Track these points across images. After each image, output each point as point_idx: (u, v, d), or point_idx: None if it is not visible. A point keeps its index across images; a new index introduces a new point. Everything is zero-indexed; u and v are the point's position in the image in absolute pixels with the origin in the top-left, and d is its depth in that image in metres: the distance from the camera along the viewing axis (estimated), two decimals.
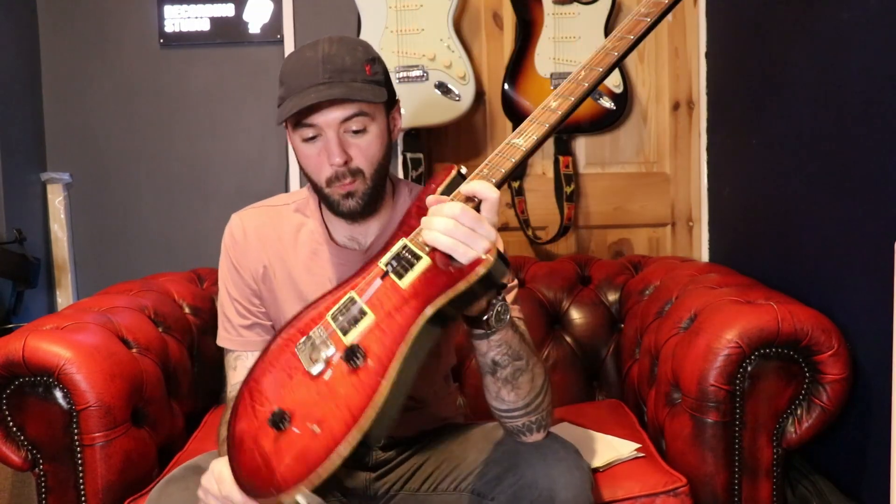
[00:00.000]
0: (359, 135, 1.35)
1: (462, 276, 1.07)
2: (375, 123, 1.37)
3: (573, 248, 2.56)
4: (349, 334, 1.12)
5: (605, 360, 2.19)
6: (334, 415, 1.05)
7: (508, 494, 1.25)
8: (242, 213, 1.54)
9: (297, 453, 1.05)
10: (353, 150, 1.36)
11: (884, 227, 1.51)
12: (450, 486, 1.37)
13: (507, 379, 1.23)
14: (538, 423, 1.29)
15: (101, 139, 2.54)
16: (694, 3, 2.50)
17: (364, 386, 1.05)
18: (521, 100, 2.39)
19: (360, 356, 1.08)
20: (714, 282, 1.89)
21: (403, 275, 1.12)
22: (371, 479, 1.47)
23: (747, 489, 1.62)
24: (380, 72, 1.39)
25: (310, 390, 1.11)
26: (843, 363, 1.57)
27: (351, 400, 1.04)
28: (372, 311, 1.13)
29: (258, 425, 1.12)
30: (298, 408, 1.09)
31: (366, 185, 1.38)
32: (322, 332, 1.16)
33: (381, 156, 1.39)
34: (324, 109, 1.33)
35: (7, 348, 1.59)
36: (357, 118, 1.34)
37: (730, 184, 2.37)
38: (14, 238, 2.29)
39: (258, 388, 1.19)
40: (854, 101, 1.63)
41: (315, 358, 1.13)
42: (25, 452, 1.63)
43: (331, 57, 1.34)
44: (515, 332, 1.21)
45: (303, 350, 1.16)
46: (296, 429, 1.07)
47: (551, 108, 1.19)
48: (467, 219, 1.08)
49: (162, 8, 2.50)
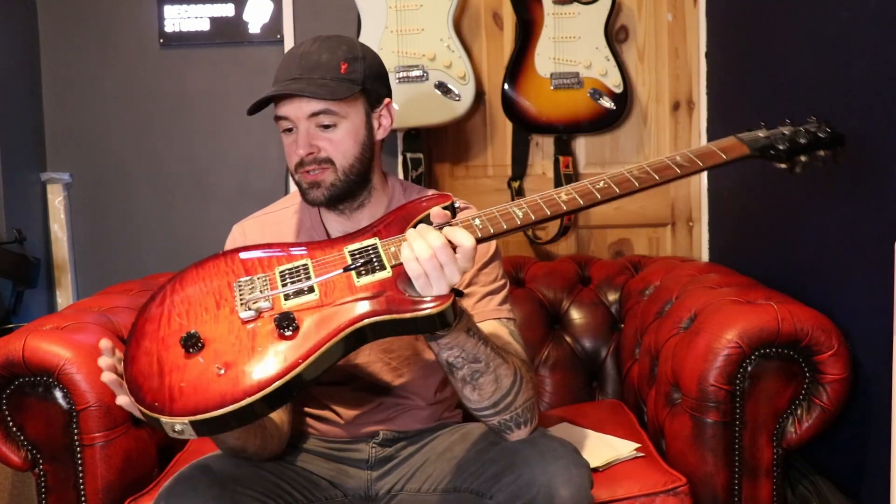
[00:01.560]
0: (329, 129, 1.41)
1: (411, 308, 1.12)
2: (348, 120, 1.42)
3: (573, 248, 2.56)
4: (289, 301, 1.15)
5: (605, 360, 2.19)
6: (243, 368, 1.07)
7: (507, 493, 1.25)
8: (244, 224, 1.57)
9: (195, 384, 1.06)
10: (321, 142, 1.41)
11: (884, 227, 1.51)
12: (449, 485, 1.37)
13: (466, 380, 1.25)
14: (514, 422, 1.31)
15: (101, 139, 2.54)
16: (694, 3, 2.50)
17: (282, 357, 1.08)
18: (521, 100, 2.39)
19: (291, 327, 1.11)
20: (714, 282, 1.89)
21: (363, 275, 1.16)
22: (372, 478, 1.47)
23: (747, 489, 1.62)
24: (358, 70, 1.42)
25: (231, 331, 1.12)
26: (843, 363, 1.57)
27: (266, 364, 1.07)
28: (319, 291, 1.16)
29: (167, 334, 1.13)
30: (213, 341, 1.11)
31: (335, 177, 1.42)
32: (265, 284, 1.18)
33: (358, 151, 1.43)
34: (293, 103, 1.40)
35: (7, 348, 1.59)
36: (324, 115, 1.40)
37: (730, 184, 2.37)
38: (14, 238, 2.29)
39: (182, 292, 1.20)
40: (854, 100, 1.63)
41: (248, 304, 1.14)
42: (25, 452, 1.63)
43: (308, 54, 1.41)
44: (471, 335, 1.22)
45: (240, 289, 1.18)
46: (201, 358, 1.09)
47: (562, 200, 1.21)
48: (442, 255, 1.12)
49: (162, 8, 2.50)
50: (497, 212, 1.20)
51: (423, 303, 1.12)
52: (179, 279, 1.23)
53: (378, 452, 1.50)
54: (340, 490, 1.45)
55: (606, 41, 2.38)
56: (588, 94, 2.38)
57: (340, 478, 1.47)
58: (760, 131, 1.37)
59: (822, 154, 1.37)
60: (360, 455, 1.50)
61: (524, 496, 1.23)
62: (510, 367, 1.27)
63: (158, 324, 1.16)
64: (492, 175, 2.55)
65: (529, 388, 1.31)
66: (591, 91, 2.38)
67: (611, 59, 2.38)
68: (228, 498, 1.25)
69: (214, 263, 1.25)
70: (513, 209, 1.20)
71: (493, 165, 2.55)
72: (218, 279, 1.21)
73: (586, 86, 2.38)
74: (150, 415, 1.06)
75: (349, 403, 1.52)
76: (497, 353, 1.26)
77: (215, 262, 1.25)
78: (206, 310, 1.17)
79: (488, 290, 1.45)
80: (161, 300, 1.20)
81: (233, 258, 1.25)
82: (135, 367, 1.11)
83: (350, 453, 1.50)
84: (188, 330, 1.12)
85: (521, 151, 2.50)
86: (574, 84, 2.37)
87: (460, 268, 1.13)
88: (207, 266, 1.25)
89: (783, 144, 1.35)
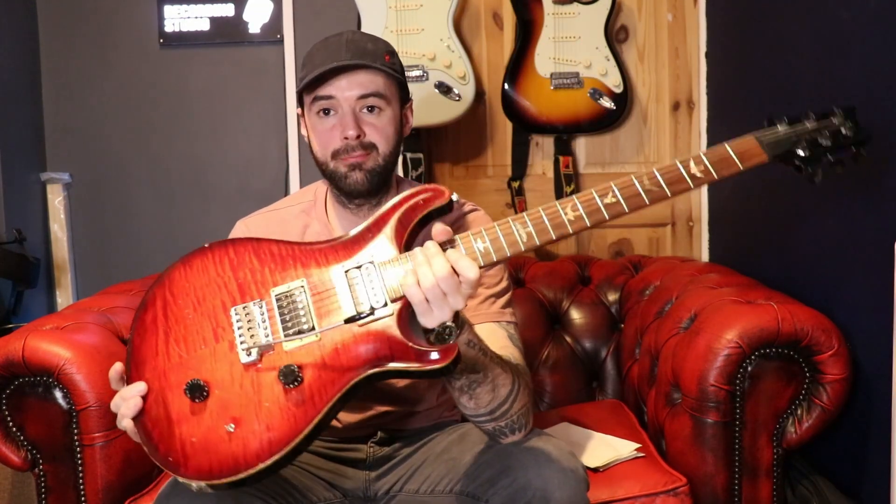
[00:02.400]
0: (374, 113, 1.40)
1: (415, 360, 1.09)
2: (390, 108, 1.42)
3: (573, 248, 2.56)
4: (290, 344, 1.12)
5: (605, 360, 2.19)
6: (252, 428, 1.07)
7: (503, 496, 1.25)
8: (248, 220, 1.56)
9: (206, 442, 1.06)
10: (367, 126, 1.40)
11: (884, 227, 1.51)
12: (446, 487, 1.37)
13: (463, 389, 1.25)
14: (509, 427, 1.30)
15: (101, 139, 2.54)
16: (694, 4, 2.50)
17: (290, 417, 1.07)
18: (521, 99, 2.39)
19: (297, 381, 1.09)
20: (714, 282, 1.89)
21: (364, 317, 1.12)
22: (370, 478, 1.47)
23: (747, 489, 1.62)
24: (398, 64, 1.45)
25: (234, 377, 1.11)
26: (844, 363, 1.57)
27: (273, 423, 1.07)
28: (318, 325, 1.13)
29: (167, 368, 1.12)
30: (217, 387, 1.10)
31: (376, 162, 1.42)
32: (262, 314, 1.15)
33: (396, 141, 1.44)
34: (343, 83, 1.38)
35: (7, 348, 1.59)
36: (373, 97, 1.39)
37: (730, 184, 2.37)
38: (14, 238, 2.29)
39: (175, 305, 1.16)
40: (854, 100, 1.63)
41: (249, 341, 1.12)
42: (25, 452, 1.63)
43: (354, 41, 1.41)
44: (471, 347, 1.21)
45: (238, 322, 1.15)
46: (208, 409, 1.08)
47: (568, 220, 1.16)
48: (446, 285, 1.09)
49: (162, 8, 2.50)
50: (501, 232, 1.15)
51: (429, 356, 1.09)
52: (169, 286, 1.19)
53: (376, 452, 1.50)
54: (339, 490, 1.45)
55: (606, 41, 2.38)
56: (588, 93, 2.38)
57: (339, 478, 1.46)
58: (781, 127, 1.25)
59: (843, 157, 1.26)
60: (358, 455, 1.49)
61: (520, 500, 1.22)
62: (508, 376, 1.27)
63: (156, 350, 1.14)
64: (492, 175, 2.55)
65: (525, 395, 1.31)
66: (591, 91, 2.38)
67: (611, 59, 2.38)
68: (232, 498, 1.24)
69: (202, 265, 1.20)
70: (517, 231, 1.15)
71: (493, 165, 2.55)
72: (211, 297, 1.17)
73: (586, 86, 2.38)
74: (166, 469, 1.07)
75: (349, 408, 1.52)
76: (495, 363, 1.25)
77: (203, 264, 1.20)
78: (203, 341, 1.14)
79: (491, 293, 1.45)
80: (153, 314, 1.17)
81: (222, 262, 1.19)
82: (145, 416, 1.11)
83: (348, 453, 1.50)
84: (189, 369, 1.11)
85: (521, 151, 2.50)
86: (574, 84, 2.37)
87: (464, 295, 1.11)
88: (196, 270, 1.20)
89: (805, 150, 1.23)
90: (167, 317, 1.17)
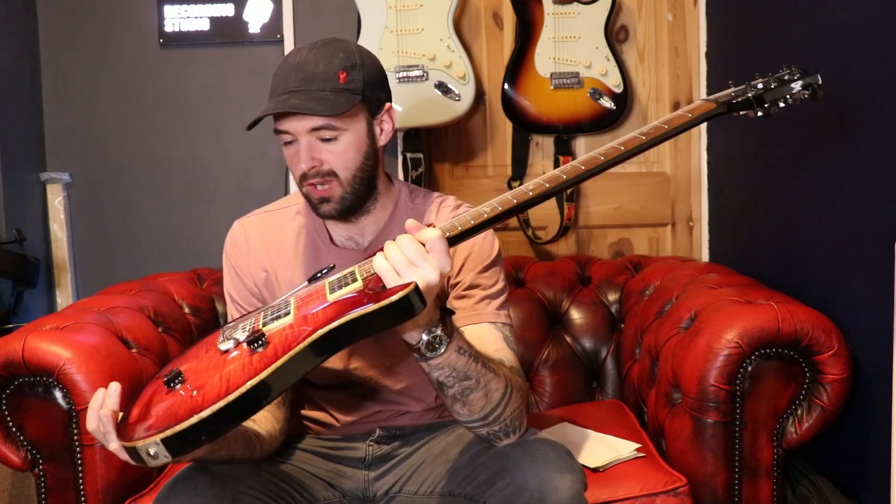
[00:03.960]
0: (330, 142, 1.38)
1: (374, 300, 1.11)
2: (349, 132, 1.39)
3: (573, 248, 2.56)
4: (267, 326, 1.18)
5: (605, 360, 2.19)
6: (214, 384, 1.09)
7: (500, 498, 1.25)
8: (244, 221, 1.56)
9: (169, 408, 1.08)
10: (324, 154, 1.39)
11: (884, 227, 1.51)
12: (445, 488, 1.37)
13: (456, 397, 1.25)
14: (503, 431, 1.30)
15: (101, 139, 2.54)
16: (694, 3, 2.49)
17: (249, 368, 1.09)
18: (521, 99, 2.39)
19: (262, 343, 1.12)
20: (714, 282, 1.89)
21: (335, 290, 1.18)
22: (370, 479, 1.47)
23: (747, 489, 1.62)
24: (358, 79, 1.39)
25: (210, 362, 1.15)
26: (844, 363, 1.57)
27: (232, 375, 1.09)
28: (294, 311, 1.19)
29: (158, 384, 1.17)
30: (192, 373, 1.14)
31: (343, 189, 1.40)
32: (248, 319, 1.25)
33: (360, 161, 1.41)
34: (292, 118, 1.36)
35: (7, 348, 1.59)
36: (325, 129, 1.37)
37: (730, 184, 2.37)
38: (14, 238, 2.29)
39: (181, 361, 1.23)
40: (854, 100, 1.63)
41: (228, 337, 1.18)
42: (25, 452, 1.63)
43: (304, 64, 1.37)
44: (462, 354, 1.22)
45: (224, 331, 1.24)
46: (182, 391, 1.11)
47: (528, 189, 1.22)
48: (410, 250, 1.12)
49: (162, 8, 2.50)
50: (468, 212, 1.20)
51: (385, 294, 1.11)
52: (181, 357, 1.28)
53: (375, 451, 1.49)
54: (338, 490, 1.45)
55: (606, 41, 2.38)
56: (588, 93, 2.38)
57: (338, 478, 1.46)
58: (732, 90, 1.38)
59: (800, 94, 1.37)
60: (357, 454, 1.49)
61: (517, 501, 1.22)
62: (500, 381, 1.27)
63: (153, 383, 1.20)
64: (492, 175, 2.55)
65: (518, 398, 1.31)
66: (591, 91, 2.38)
67: (611, 58, 2.38)
68: (229, 497, 1.25)
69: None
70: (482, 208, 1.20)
71: (493, 165, 2.55)
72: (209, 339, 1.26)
73: (586, 86, 2.38)
74: (128, 445, 1.07)
75: (347, 407, 1.52)
76: (488, 368, 1.25)
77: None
78: (195, 355, 1.22)
79: (487, 294, 1.45)
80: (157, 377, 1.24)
81: None
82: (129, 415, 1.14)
83: (347, 451, 1.50)
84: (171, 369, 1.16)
85: (521, 151, 2.50)
86: (574, 84, 2.37)
87: (435, 264, 1.12)
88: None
89: (752, 92, 1.35)
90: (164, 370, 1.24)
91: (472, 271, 1.45)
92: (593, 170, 1.24)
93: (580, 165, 1.24)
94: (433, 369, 1.22)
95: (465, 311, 1.41)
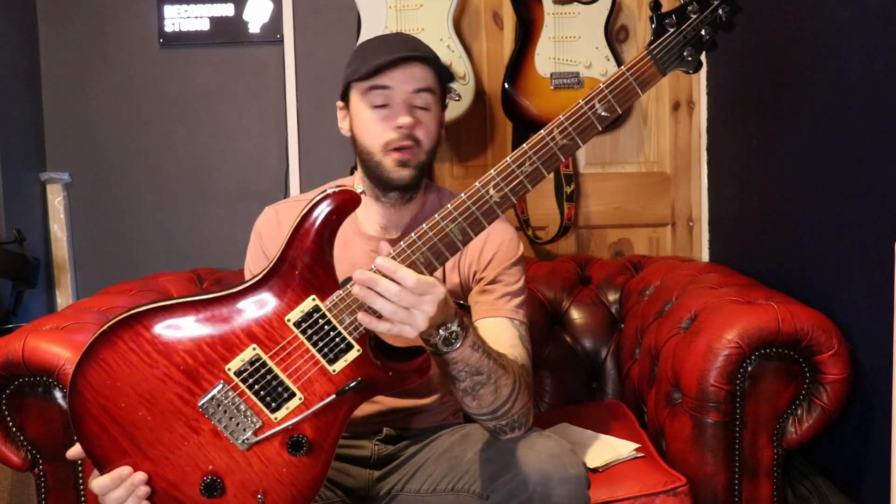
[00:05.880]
0: (423, 111, 1.42)
1: (399, 384, 1.16)
2: (436, 108, 1.45)
3: (573, 248, 2.56)
4: (278, 413, 1.14)
5: (605, 360, 2.19)
6: (279, 490, 1.13)
7: (503, 493, 1.25)
8: (277, 206, 1.59)
9: None
10: (417, 120, 1.42)
11: (884, 227, 1.51)
12: (448, 485, 1.38)
13: (467, 391, 1.26)
14: (510, 426, 1.32)
15: (101, 139, 2.54)
16: None
17: (309, 468, 1.14)
18: (521, 99, 2.39)
19: (305, 446, 1.14)
20: (714, 282, 1.89)
21: (334, 361, 1.15)
22: (373, 478, 1.47)
23: (747, 489, 1.62)
24: (445, 69, 1.47)
25: (238, 461, 1.14)
26: (844, 363, 1.57)
27: (296, 479, 1.14)
28: (300, 391, 1.15)
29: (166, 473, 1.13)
30: (228, 476, 1.13)
31: (420, 159, 1.43)
32: (235, 401, 1.13)
33: (437, 139, 1.46)
34: (400, 75, 1.39)
35: (7, 348, 1.59)
36: (426, 93, 1.41)
37: (730, 184, 2.37)
38: (14, 238, 2.29)
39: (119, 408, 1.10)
40: (854, 100, 1.63)
41: (242, 434, 1.14)
42: (25, 452, 1.63)
43: (410, 39, 1.45)
44: (475, 350, 1.23)
45: (213, 413, 1.13)
46: (231, 495, 1.12)
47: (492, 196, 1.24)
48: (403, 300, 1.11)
49: (162, 8, 2.50)
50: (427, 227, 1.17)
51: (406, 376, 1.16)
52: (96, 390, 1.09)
53: (381, 450, 1.50)
54: (341, 489, 1.45)
55: (607, 41, 2.38)
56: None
57: (342, 476, 1.47)
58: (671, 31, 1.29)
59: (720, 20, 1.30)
60: (362, 453, 1.50)
61: (520, 496, 1.23)
62: (510, 377, 1.28)
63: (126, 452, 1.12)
64: None
65: (526, 395, 1.32)
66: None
67: (611, 58, 2.38)
68: None
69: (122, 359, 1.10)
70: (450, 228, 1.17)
71: (493, 165, 2.53)
72: (160, 393, 1.11)
73: (586, 86, 2.38)
74: None
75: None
76: (499, 365, 1.27)
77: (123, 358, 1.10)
78: (182, 438, 1.13)
79: (509, 291, 1.48)
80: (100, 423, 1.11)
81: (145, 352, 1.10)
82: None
83: (353, 450, 1.50)
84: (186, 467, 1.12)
85: None
86: (574, 84, 2.37)
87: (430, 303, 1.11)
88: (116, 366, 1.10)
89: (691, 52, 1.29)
90: (121, 422, 1.11)
91: (498, 268, 1.48)
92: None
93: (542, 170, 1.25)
94: (447, 364, 1.23)
95: (485, 305, 1.44)
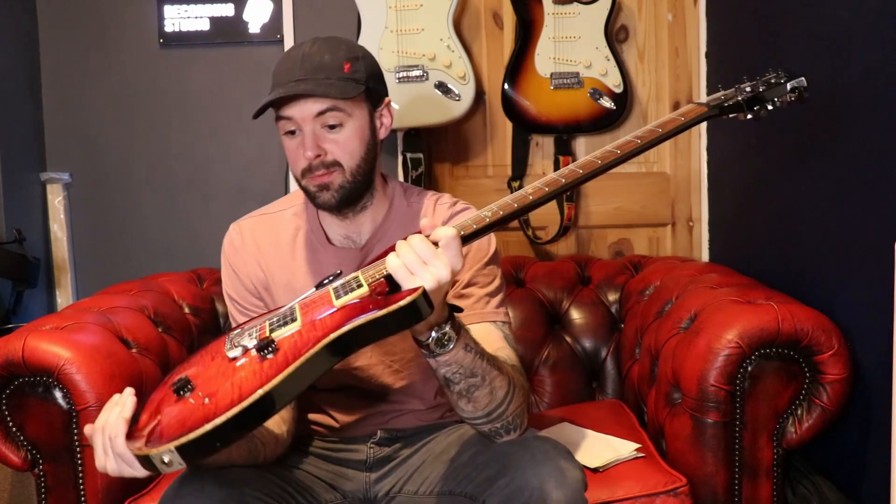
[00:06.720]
0: (335, 130, 1.39)
1: (383, 306, 1.12)
2: (353, 119, 1.40)
3: (573, 248, 2.56)
4: (275, 332, 1.18)
5: (605, 360, 2.19)
6: (226, 391, 1.09)
7: (500, 497, 1.25)
8: (241, 223, 1.56)
9: (181, 415, 1.09)
10: (328, 144, 1.39)
11: (884, 227, 1.51)
12: (445, 488, 1.37)
13: (462, 393, 1.26)
14: (504, 428, 1.32)
15: (101, 139, 2.54)
16: (694, 3, 2.49)
17: (261, 374, 1.09)
18: (521, 99, 2.39)
19: (272, 350, 1.13)
20: (714, 282, 1.89)
21: (341, 296, 1.18)
22: (371, 480, 1.47)
23: (747, 489, 1.62)
24: (361, 70, 1.41)
25: (218, 369, 1.16)
26: (844, 363, 1.57)
27: (244, 382, 1.09)
28: (301, 317, 1.19)
29: (166, 391, 1.17)
30: (202, 381, 1.14)
31: (344, 178, 1.41)
32: (254, 326, 1.25)
33: (363, 152, 1.42)
34: (297, 104, 1.37)
35: (7, 348, 1.59)
36: (331, 113, 1.38)
37: (730, 184, 2.37)
38: (14, 238, 2.29)
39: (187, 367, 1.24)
40: (854, 100, 1.63)
41: (236, 344, 1.19)
42: (25, 452, 1.63)
43: (310, 56, 1.39)
44: (469, 351, 1.23)
45: (231, 338, 1.24)
46: (192, 398, 1.12)
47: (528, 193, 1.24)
48: (422, 249, 1.13)
49: (162, 8, 2.50)
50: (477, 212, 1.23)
51: (394, 299, 1.12)
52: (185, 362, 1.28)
53: (376, 453, 1.50)
54: (339, 492, 1.45)
55: (606, 41, 2.38)
56: (588, 93, 2.38)
57: (339, 480, 1.47)
58: (722, 93, 1.43)
59: (786, 97, 1.43)
60: (358, 456, 1.49)
61: (517, 499, 1.22)
62: (504, 378, 1.28)
63: (159, 391, 1.20)
64: (492, 175, 2.55)
65: (520, 396, 1.32)
66: (592, 91, 2.38)
67: (611, 58, 2.38)
68: (235, 500, 1.24)
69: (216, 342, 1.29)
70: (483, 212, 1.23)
71: (493, 165, 2.55)
72: (216, 345, 1.26)
73: (586, 86, 2.38)
74: (140, 454, 1.07)
75: (347, 408, 1.52)
76: (493, 366, 1.26)
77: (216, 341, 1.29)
78: (200, 362, 1.22)
79: (486, 292, 1.45)
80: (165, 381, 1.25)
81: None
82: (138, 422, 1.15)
83: (348, 454, 1.50)
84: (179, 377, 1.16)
85: (521, 151, 2.50)
86: (574, 84, 2.37)
87: (447, 262, 1.13)
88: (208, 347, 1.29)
89: (742, 96, 1.41)
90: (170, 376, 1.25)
91: (471, 269, 1.45)
92: (591, 173, 1.27)
93: (578, 169, 1.27)
94: (440, 366, 1.23)
95: (465, 311, 1.41)
